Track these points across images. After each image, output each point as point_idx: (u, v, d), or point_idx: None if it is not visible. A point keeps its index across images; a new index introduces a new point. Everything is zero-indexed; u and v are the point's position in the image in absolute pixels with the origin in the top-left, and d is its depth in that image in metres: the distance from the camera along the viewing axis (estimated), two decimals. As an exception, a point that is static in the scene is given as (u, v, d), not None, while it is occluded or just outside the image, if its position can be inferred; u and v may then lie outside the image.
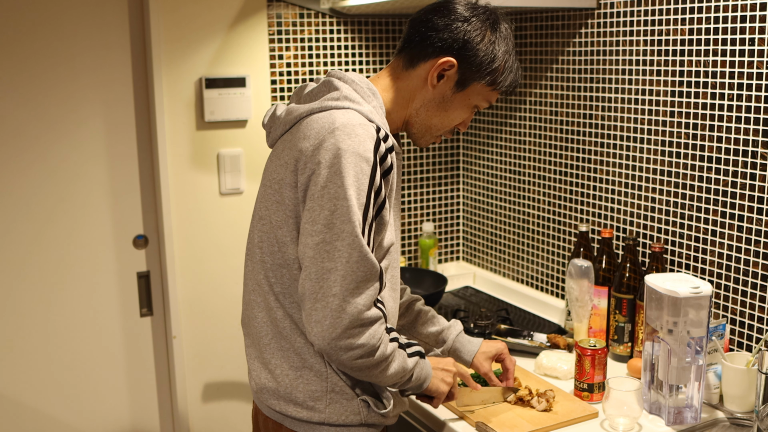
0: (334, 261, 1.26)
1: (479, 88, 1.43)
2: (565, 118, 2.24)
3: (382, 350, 1.33)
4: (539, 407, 1.67)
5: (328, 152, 1.27)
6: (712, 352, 1.70)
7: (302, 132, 1.33)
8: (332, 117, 1.31)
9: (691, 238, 1.89)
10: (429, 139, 1.50)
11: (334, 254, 1.26)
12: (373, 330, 1.30)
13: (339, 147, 1.26)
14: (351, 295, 1.27)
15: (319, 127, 1.30)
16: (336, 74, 1.42)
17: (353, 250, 1.26)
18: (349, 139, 1.27)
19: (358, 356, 1.30)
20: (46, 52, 2.20)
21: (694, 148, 1.85)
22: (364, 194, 1.27)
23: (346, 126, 1.28)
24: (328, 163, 1.26)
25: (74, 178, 2.29)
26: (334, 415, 1.39)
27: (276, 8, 2.37)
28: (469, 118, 1.49)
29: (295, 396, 1.40)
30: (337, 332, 1.27)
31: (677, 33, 1.86)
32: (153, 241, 2.42)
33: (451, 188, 2.75)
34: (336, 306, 1.26)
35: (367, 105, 1.37)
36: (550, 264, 2.37)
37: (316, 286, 1.27)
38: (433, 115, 1.46)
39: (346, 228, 1.25)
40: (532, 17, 2.32)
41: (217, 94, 2.31)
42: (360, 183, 1.27)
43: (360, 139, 1.28)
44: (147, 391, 2.48)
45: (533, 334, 2.07)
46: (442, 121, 1.47)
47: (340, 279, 1.26)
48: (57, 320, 2.33)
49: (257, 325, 1.44)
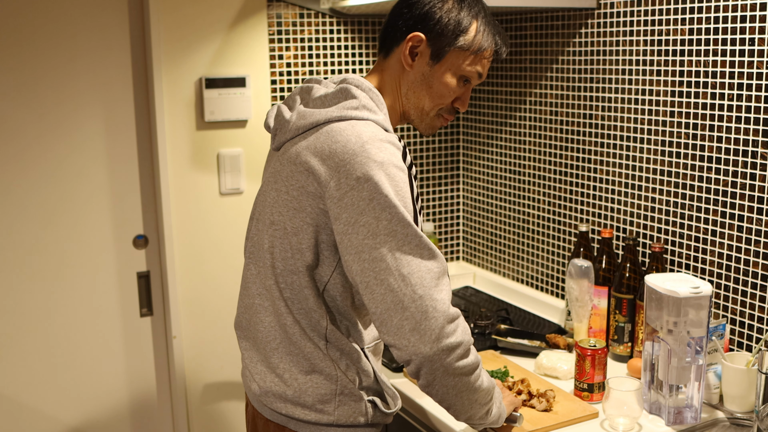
0: (409, 265, 1.25)
1: (456, 55, 1.41)
2: (565, 118, 2.24)
3: (475, 353, 1.33)
4: (539, 407, 1.67)
5: (363, 167, 1.26)
6: (712, 352, 1.70)
7: (325, 142, 1.31)
8: (356, 129, 1.30)
9: (691, 238, 1.89)
10: (430, 123, 1.48)
11: (406, 259, 1.25)
12: (464, 325, 1.30)
13: (374, 160, 1.26)
14: (435, 292, 1.26)
15: (345, 140, 1.29)
16: (354, 81, 1.40)
17: (423, 250, 1.27)
18: (381, 152, 1.27)
19: (460, 356, 1.28)
20: (46, 52, 2.20)
21: (694, 148, 1.85)
22: (409, 203, 1.29)
23: (374, 140, 1.29)
24: (367, 177, 1.26)
25: (74, 178, 2.29)
26: (343, 416, 1.40)
27: (276, 8, 2.37)
28: (464, 93, 1.46)
29: (305, 399, 1.40)
30: (435, 333, 1.25)
31: (677, 33, 1.86)
32: (153, 241, 2.42)
33: (451, 188, 2.75)
34: (426, 307, 1.25)
35: (381, 114, 1.37)
36: (550, 264, 2.37)
37: (399, 297, 1.25)
38: (421, 96, 1.44)
39: (409, 231, 1.26)
40: (532, 17, 2.32)
41: (217, 94, 2.31)
42: (403, 192, 1.28)
43: (390, 151, 1.29)
44: (147, 391, 2.48)
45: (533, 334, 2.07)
46: (431, 99, 1.44)
47: (419, 281, 1.25)
48: (57, 320, 2.33)
49: (263, 330, 1.44)
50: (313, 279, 1.37)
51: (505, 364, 1.93)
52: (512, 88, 2.44)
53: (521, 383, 1.76)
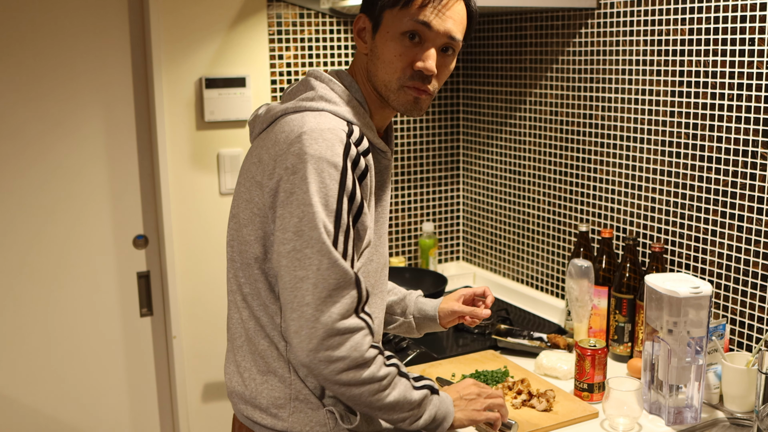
0: (306, 269, 1.22)
1: (388, 17, 1.32)
2: (565, 118, 2.24)
3: (373, 370, 1.26)
4: (539, 407, 1.67)
5: (294, 157, 1.23)
6: (712, 352, 1.70)
7: (275, 133, 1.30)
8: (303, 120, 1.27)
9: (691, 238, 1.89)
10: (400, 99, 1.34)
11: (305, 262, 1.22)
12: (355, 341, 1.24)
13: (305, 152, 1.23)
14: (324, 303, 1.22)
15: (289, 130, 1.27)
16: (314, 73, 1.38)
17: (323, 257, 1.21)
18: (316, 143, 1.23)
19: (341, 370, 1.23)
20: (46, 52, 2.20)
21: (694, 148, 1.85)
22: (334, 200, 1.23)
23: (314, 130, 1.25)
24: (295, 169, 1.23)
25: (74, 178, 2.29)
26: (297, 424, 1.33)
27: (276, 8, 2.37)
28: (418, 52, 1.32)
29: (260, 401, 1.35)
30: (313, 343, 1.21)
31: (677, 33, 1.86)
32: (153, 241, 2.42)
33: (451, 188, 2.75)
34: (310, 315, 1.21)
35: (344, 105, 1.33)
36: (550, 264, 2.37)
37: (291, 296, 1.23)
38: (377, 69, 1.35)
39: (314, 235, 1.21)
40: (532, 17, 2.32)
41: (217, 94, 2.31)
42: (328, 189, 1.22)
43: (328, 143, 1.24)
44: (147, 391, 2.48)
45: (533, 334, 2.07)
46: (385, 68, 1.33)
47: (311, 287, 1.21)
48: (57, 320, 2.33)
49: (232, 327, 1.41)
50: (264, 272, 1.32)
51: (505, 364, 1.93)
52: (512, 88, 2.44)
53: (521, 383, 1.76)
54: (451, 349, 2.06)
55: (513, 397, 1.72)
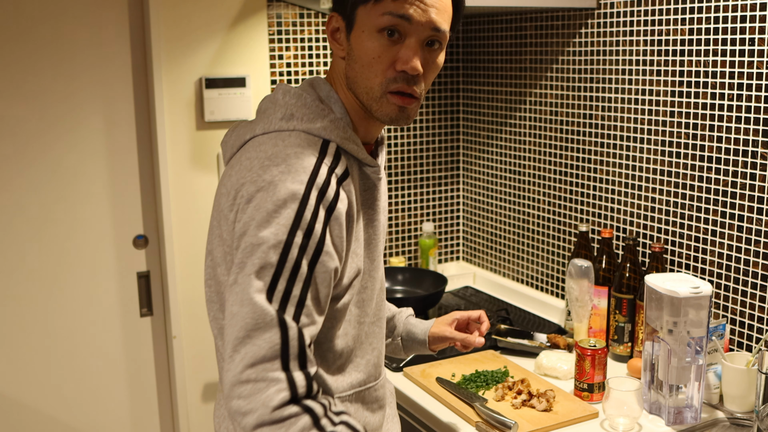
0: (235, 305, 1.07)
1: (361, 13, 1.17)
2: (565, 118, 2.24)
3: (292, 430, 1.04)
4: (539, 407, 1.67)
5: (251, 186, 1.10)
6: (712, 352, 1.70)
7: (240, 161, 1.17)
8: (267, 144, 1.15)
9: (691, 238, 1.89)
10: (384, 106, 1.19)
11: (236, 297, 1.07)
12: (265, 395, 1.03)
13: (263, 180, 1.10)
14: (241, 344, 1.05)
15: (253, 156, 1.14)
16: (282, 87, 1.24)
17: (245, 293, 1.06)
18: (276, 169, 1.10)
19: (253, 426, 1.03)
20: (46, 52, 2.20)
21: (694, 148, 1.85)
22: (284, 233, 1.07)
23: (276, 156, 1.12)
24: (250, 198, 1.10)
25: (74, 177, 2.29)
26: None
27: (276, 8, 2.37)
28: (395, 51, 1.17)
29: None
30: (227, 389, 1.06)
31: (677, 33, 1.86)
32: (153, 241, 2.42)
33: (451, 188, 2.75)
34: (227, 357, 1.06)
35: (319, 121, 1.19)
36: (550, 264, 2.37)
37: (225, 332, 1.09)
38: (356, 75, 1.19)
39: (247, 269, 1.07)
40: (532, 17, 2.32)
41: (217, 94, 2.31)
42: (280, 220, 1.07)
43: (290, 168, 1.10)
44: (147, 391, 2.48)
45: (533, 334, 2.07)
46: (364, 72, 1.18)
47: (234, 326, 1.06)
48: (57, 320, 2.33)
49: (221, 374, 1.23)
50: None
51: (505, 364, 1.93)
52: (512, 88, 2.44)
53: (521, 383, 1.76)
54: (451, 349, 2.06)
55: (513, 397, 1.72)
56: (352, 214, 1.17)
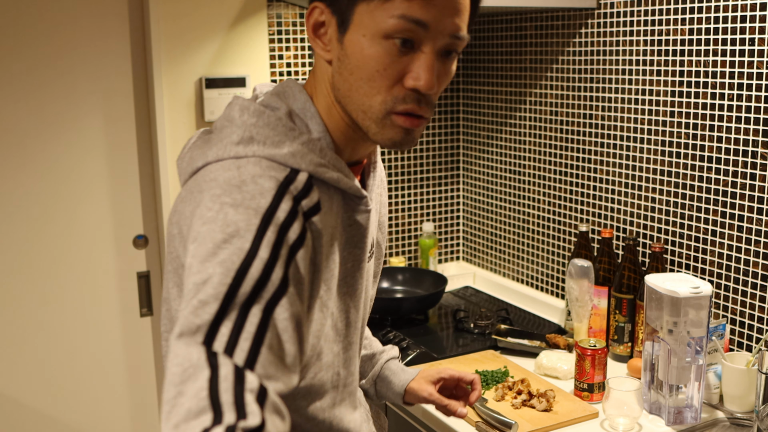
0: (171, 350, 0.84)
1: (367, 10, 0.93)
2: (565, 118, 2.24)
3: None
4: (539, 407, 1.67)
5: (198, 222, 0.90)
6: (712, 352, 1.70)
7: (190, 191, 0.96)
8: (217, 174, 0.92)
9: (691, 238, 1.89)
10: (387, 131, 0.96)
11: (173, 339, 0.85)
12: None
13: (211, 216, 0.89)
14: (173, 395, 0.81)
15: (204, 189, 0.92)
16: (239, 103, 0.99)
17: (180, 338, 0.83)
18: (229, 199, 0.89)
19: None
20: (46, 52, 2.20)
21: (694, 148, 1.85)
22: (230, 276, 0.84)
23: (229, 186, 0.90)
24: (196, 236, 0.89)
25: (74, 178, 2.29)
26: None
27: (276, 8, 2.37)
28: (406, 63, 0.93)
29: None
30: None
31: (677, 33, 1.86)
32: (153, 241, 2.42)
33: (451, 188, 2.75)
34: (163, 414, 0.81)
35: (288, 145, 0.95)
36: (550, 264, 2.37)
37: None
38: (349, 88, 0.96)
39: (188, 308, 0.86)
40: (532, 17, 2.32)
41: (217, 94, 2.31)
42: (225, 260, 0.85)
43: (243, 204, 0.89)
44: (147, 391, 2.48)
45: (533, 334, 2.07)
46: (361, 84, 0.94)
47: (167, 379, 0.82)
48: (57, 320, 2.33)
49: None
50: None
51: (505, 364, 1.93)
52: (512, 88, 2.44)
53: (521, 383, 1.76)
54: (451, 349, 2.06)
55: (513, 397, 1.72)
56: (327, 250, 0.97)
